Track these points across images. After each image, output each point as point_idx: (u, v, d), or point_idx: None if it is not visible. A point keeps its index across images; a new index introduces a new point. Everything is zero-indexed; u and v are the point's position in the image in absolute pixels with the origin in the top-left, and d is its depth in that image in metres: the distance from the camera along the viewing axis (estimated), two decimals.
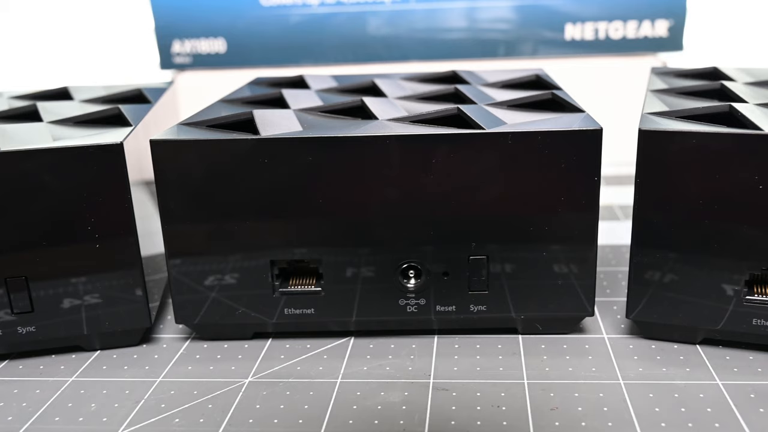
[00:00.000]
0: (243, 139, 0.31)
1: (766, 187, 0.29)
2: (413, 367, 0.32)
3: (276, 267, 0.33)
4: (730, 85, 0.37)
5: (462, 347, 0.33)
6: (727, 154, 0.29)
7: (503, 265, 0.32)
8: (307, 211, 0.31)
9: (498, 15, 0.61)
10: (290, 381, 0.31)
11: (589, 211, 0.31)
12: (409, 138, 0.30)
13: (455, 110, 0.33)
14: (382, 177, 0.31)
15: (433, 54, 0.62)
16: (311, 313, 0.33)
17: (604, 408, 0.28)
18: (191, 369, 0.32)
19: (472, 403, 0.29)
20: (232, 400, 0.30)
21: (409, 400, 0.29)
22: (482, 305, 0.33)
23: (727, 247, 0.30)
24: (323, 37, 0.62)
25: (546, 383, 0.30)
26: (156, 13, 0.62)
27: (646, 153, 0.30)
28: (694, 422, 0.27)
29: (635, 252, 0.31)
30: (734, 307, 0.31)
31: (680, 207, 0.30)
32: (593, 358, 0.32)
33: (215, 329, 0.34)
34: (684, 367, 0.31)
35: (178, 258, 0.32)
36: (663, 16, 0.60)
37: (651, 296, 0.32)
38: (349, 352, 0.33)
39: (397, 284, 0.33)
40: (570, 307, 0.33)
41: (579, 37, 0.61)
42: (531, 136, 0.30)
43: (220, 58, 0.63)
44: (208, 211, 0.32)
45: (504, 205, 0.31)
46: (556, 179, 0.31)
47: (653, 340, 0.33)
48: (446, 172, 0.31)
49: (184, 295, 0.33)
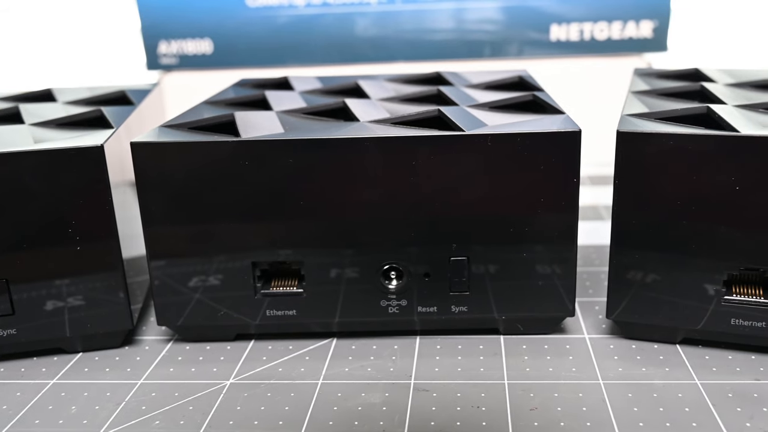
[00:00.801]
0: (223, 142, 0.31)
1: (743, 188, 0.29)
2: (395, 368, 0.32)
3: (258, 269, 0.33)
4: (710, 86, 0.38)
5: (444, 348, 0.33)
6: (705, 156, 0.29)
7: (484, 266, 0.32)
8: (289, 213, 0.32)
9: (484, 16, 0.61)
10: (271, 382, 0.31)
11: (569, 211, 0.31)
12: (388, 140, 0.31)
13: (436, 112, 0.33)
14: (362, 179, 0.31)
15: (419, 55, 0.62)
16: (293, 315, 0.33)
17: (583, 408, 0.28)
18: (173, 371, 0.32)
19: (452, 404, 0.29)
20: (213, 402, 0.30)
21: (390, 401, 0.29)
22: (463, 306, 0.33)
23: (706, 248, 0.30)
24: (310, 38, 0.62)
25: (526, 383, 0.30)
26: (142, 13, 0.62)
27: (624, 154, 0.30)
28: (672, 422, 0.27)
29: (615, 253, 0.32)
30: (713, 308, 0.31)
31: (659, 208, 0.30)
32: (574, 359, 0.32)
33: (198, 331, 0.34)
34: (663, 366, 0.31)
35: (159, 260, 0.32)
36: (647, 17, 0.61)
37: (631, 297, 0.32)
38: (331, 354, 0.33)
39: (378, 285, 0.33)
40: (551, 307, 0.33)
41: (564, 38, 0.62)
42: (510, 137, 0.30)
43: (206, 59, 0.63)
44: (189, 213, 0.32)
45: (484, 206, 0.31)
46: (536, 180, 0.31)
47: (634, 340, 0.33)
48: (426, 174, 0.31)
49: (166, 297, 0.33)
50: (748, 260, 0.30)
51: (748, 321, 0.31)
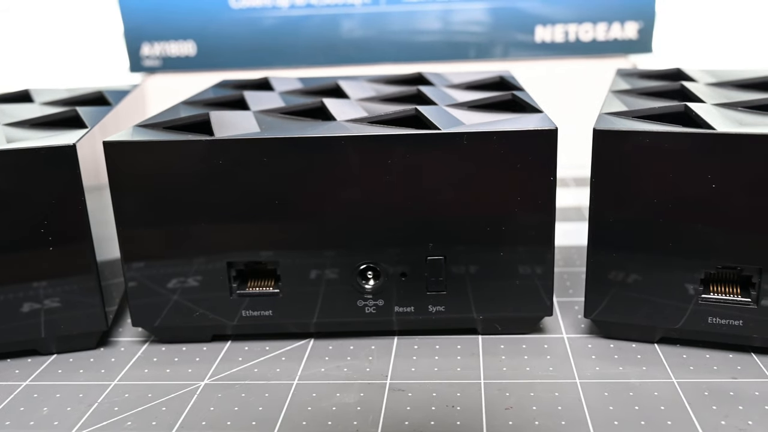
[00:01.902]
0: (196, 141, 0.30)
1: (719, 185, 0.29)
2: (371, 368, 0.32)
3: (233, 269, 0.33)
4: (690, 85, 0.38)
5: (421, 348, 0.33)
6: (681, 153, 0.29)
7: (461, 266, 0.32)
8: (264, 213, 0.31)
9: (469, 17, 0.61)
10: (246, 383, 0.31)
11: (546, 211, 0.31)
12: (363, 139, 0.30)
13: (413, 111, 0.33)
14: (337, 178, 0.31)
15: (404, 56, 0.62)
16: (269, 315, 0.33)
17: (558, 407, 0.28)
18: (147, 372, 0.32)
19: (427, 404, 0.29)
20: (187, 403, 0.29)
21: (365, 401, 0.29)
22: (441, 306, 0.33)
23: (683, 246, 0.30)
24: (295, 40, 0.62)
25: (502, 383, 0.30)
26: (125, 16, 0.61)
27: (600, 152, 0.30)
28: (647, 420, 0.27)
29: (592, 252, 0.32)
30: (690, 306, 0.31)
31: (635, 206, 0.30)
32: (551, 358, 0.32)
33: (173, 332, 0.34)
34: (641, 365, 0.31)
35: (133, 261, 0.32)
36: (632, 19, 0.61)
37: (608, 296, 0.32)
38: (308, 354, 0.33)
39: (355, 285, 0.32)
40: (529, 307, 0.33)
41: (549, 39, 0.62)
42: (486, 136, 0.30)
43: (190, 61, 0.63)
44: (163, 212, 0.31)
45: (461, 205, 0.31)
46: (513, 179, 0.31)
47: (612, 339, 0.33)
48: (402, 173, 0.31)
49: (141, 298, 0.33)
50: (725, 259, 0.30)
51: (726, 319, 0.31)
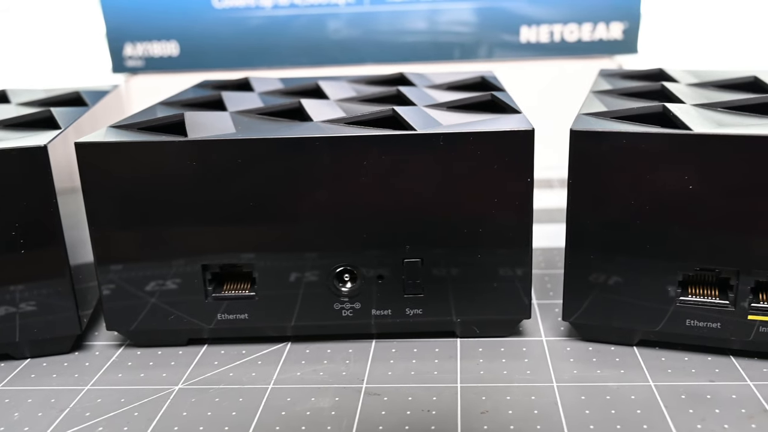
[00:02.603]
0: (168, 142, 0.30)
1: (696, 187, 0.29)
2: (347, 372, 0.31)
3: (208, 272, 0.32)
4: (670, 86, 0.37)
5: (399, 351, 0.33)
6: (657, 154, 0.29)
7: (438, 268, 0.32)
8: (238, 215, 0.31)
9: (454, 18, 0.61)
10: (221, 387, 0.30)
11: (523, 212, 0.31)
12: (338, 140, 0.30)
13: (390, 111, 0.33)
14: (313, 179, 0.31)
15: (389, 57, 0.62)
16: (245, 319, 0.33)
17: (534, 411, 0.28)
18: (121, 376, 0.31)
19: (403, 408, 0.28)
20: (160, 408, 0.29)
21: (339, 406, 0.29)
22: (418, 309, 0.32)
23: (660, 248, 0.30)
24: (279, 40, 0.62)
25: (479, 387, 0.30)
26: (107, 16, 0.61)
27: (577, 153, 0.30)
28: (623, 424, 0.27)
29: (570, 254, 0.31)
30: (668, 309, 0.31)
31: (612, 208, 0.30)
32: (529, 361, 0.32)
33: (149, 336, 0.33)
34: (619, 368, 0.31)
35: (107, 264, 0.32)
36: (617, 19, 0.61)
37: (586, 298, 0.32)
38: (284, 358, 0.33)
39: (332, 288, 0.32)
40: (507, 309, 0.33)
41: (534, 40, 0.61)
42: (462, 137, 0.30)
43: (173, 61, 0.62)
44: (136, 214, 0.31)
45: (437, 206, 0.31)
46: (489, 180, 0.30)
47: (591, 342, 0.33)
48: (378, 174, 0.30)
49: (115, 301, 0.32)
50: (703, 261, 0.30)
51: (704, 322, 0.31)
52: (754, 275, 0.30)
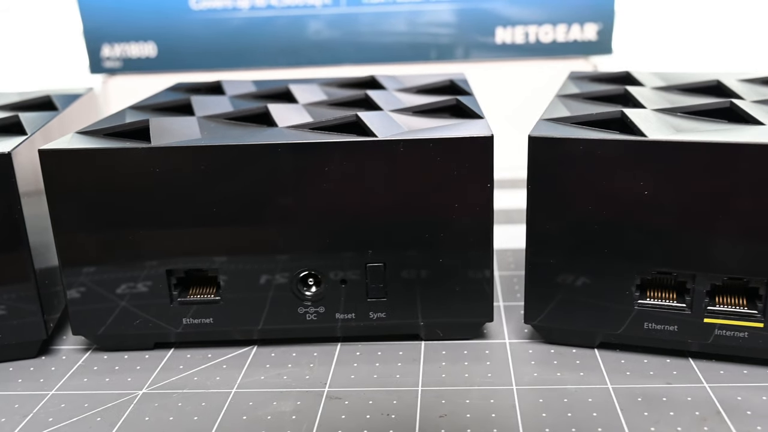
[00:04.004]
0: (131, 148, 0.30)
1: (651, 192, 0.29)
2: (311, 375, 0.32)
3: (173, 276, 0.32)
4: (634, 90, 0.38)
5: (363, 354, 0.33)
6: (614, 160, 0.29)
7: (401, 272, 0.32)
8: (202, 220, 0.31)
9: (430, 19, 0.61)
10: (184, 392, 0.31)
11: (484, 217, 0.31)
12: (300, 146, 0.30)
13: (354, 117, 0.33)
14: (275, 185, 0.31)
15: (366, 57, 0.62)
16: (210, 323, 0.33)
17: (492, 414, 0.28)
18: (86, 381, 0.32)
19: (363, 412, 0.29)
20: (122, 413, 0.29)
21: (301, 410, 0.29)
22: (381, 312, 0.33)
23: (618, 252, 0.31)
24: (257, 41, 0.62)
25: (439, 390, 0.30)
26: (84, 16, 0.61)
27: (535, 159, 0.30)
28: (578, 426, 0.27)
29: (530, 258, 0.32)
30: (628, 311, 0.31)
31: (571, 212, 0.30)
32: (491, 364, 0.32)
33: (115, 340, 0.34)
34: (578, 371, 0.31)
35: (72, 269, 0.32)
36: (591, 20, 0.61)
37: (548, 301, 0.32)
38: (249, 362, 0.33)
39: (295, 292, 0.32)
40: (469, 312, 0.33)
41: (510, 41, 0.62)
42: (422, 143, 0.30)
43: (150, 62, 0.62)
44: (100, 220, 0.31)
45: (399, 211, 0.31)
46: (449, 186, 0.31)
47: (553, 344, 0.33)
48: (340, 180, 0.31)
49: (81, 306, 0.32)
50: (660, 264, 0.30)
51: (661, 325, 0.31)
52: (709, 279, 0.30)
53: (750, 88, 0.39)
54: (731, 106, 0.33)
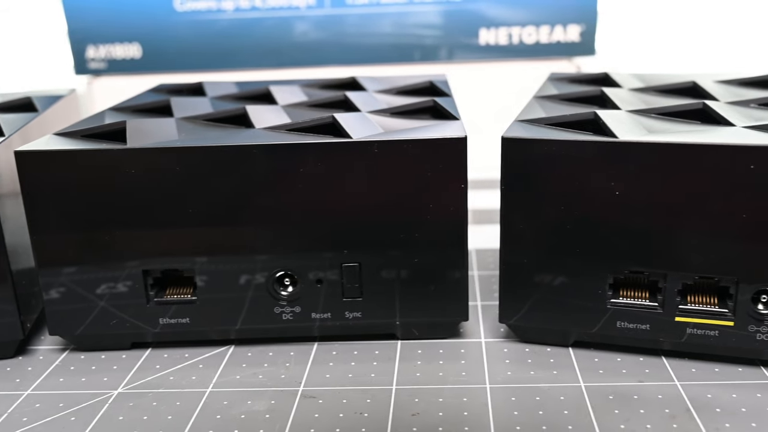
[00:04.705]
0: (107, 150, 0.30)
1: (622, 192, 0.30)
2: (286, 375, 0.32)
3: (150, 277, 0.33)
4: (610, 91, 0.38)
5: (339, 354, 0.33)
6: (586, 161, 0.30)
7: (376, 272, 0.32)
8: (178, 221, 0.31)
9: (415, 20, 0.61)
10: (159, 391, 0.31)
11: (458, 217, 0.32)
12: (275, 147, 0.31)
13: (330, 118, 0.33)
14: (251, 186, 0.31)
15: (352, 59, 0.62)
16: (187, 323, 0.33)
17: (464, 413, 0.29)
18: (63, 381, 0.32)
19: (336, 411, 0.29)
20: (97, 412, 0.29)
21: (274, 409, 0.29)
22: (357, 312, 0.33)
23: (591, 252, 0.31)
24: (242, 42, 0.62)
25: (413, 389, 0.30)
26: (69, 17, 0.61)
27: (508, 160, 0.31)
28: (549, 424, 0.28)
29: (504, 258, 0.32)
30: (600, 311, 0.32)
31: (544, 213, 0.31)
32: (466, 363, 0.32)
33: (92, 340, 0.34)
34: (552, 370, 0.31)
35: (49, 269, 0.32)
36: (575, 21, 0.61)
37: (522, 301, 0.32)
38: (226, 361, 0.33)
39: (272, 292, 0.33)
40: (444, 312, 0.33)
41: (493, 42, 0.62)
42: (396, 144, 0.31)
43: (135, 64, 0.62)
44: (77, 221, 0.31)
45: (374, 212, 0.31)
46: (424, 186, 0.31)
47: (528, 343, 0.34)
48: (315, 181, 0.31)
49: (58, 306, 0.33)
50: (632, 264, 0.31)
51: (634, 324, 0.31)
52: (681, 278, 0.30)
53: (726, 89, 0.39)
54: (704, 108, 0.34)
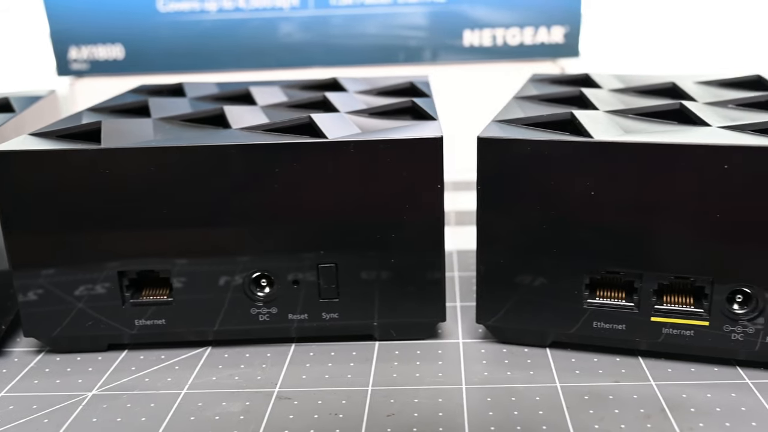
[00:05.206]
0: (81, 150, 0.30)
1: (598, 192, 0.30)
2: (262, 376, 0.32)
3: (126, 278, 0.32)
4: (589, 92, 0.38)
5: (316, 355, 0.33)
6: (561, 161, 0.30)
7: (353, 273, 0.32)
8: (153, 222, 0.31)
9: (399, 22, 0.61)
10: (134, 393, 0.31)
11: (435, 217, 0.31)
12: (251, 147, 0.30)
13: (307, 119, 0.33)
14: (227, 186, 0.31)
15: (336, 60, 0.62)
16: (163, 324, 0.33)
17: (439, 413, 0.29)
18: (37, 383, 0.32)
19: (311, 412, 0.29)
20: (70, 414, 0.29)
21: (249, 410, 0.29)
22: (334, 313, 0.33)
23: (567, 252, 0.31)
24: (225, 43, 0.62)
25: (389, 390, 0.30)
26: (51, 18, 0.61)
27: (484, 160, 0.31)
28: (523, 425, 0.28)
29: (481, 258, 0.32)
30: (577, 311, 0.32)
31: (520, 213, 0.31)
32: (443, 364, 0.32)
33: (68, 342, 0.34)
34: (528, 370, 0.31)
35: (23, 271, 0.32)
36: (558, 23, 0.61)
37: (499, 302, 0.32)
38: (202, 363, 0.33)
39: (248, 293, 0.32)
40: (422, 312, 0.33)
41: (478, 44, 0.62)
42: (372, 144, 0.31)
43: (118, 65, 0.62)
44: (51, 222, 0.31)
45: (350, 212, 0.31)
46: (400, 187, 0.31)
47: (506, 344, 0.34)
48: (291, 181, 0.31)
49: (33, 308, 0.32)
50: (608, 264, 0.31)
51: (609, 324, 0.31)
52: (656, 278, 0.30)
53: (706, 90, 0.40)
54: (681, 108, 0.34)
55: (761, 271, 0.29)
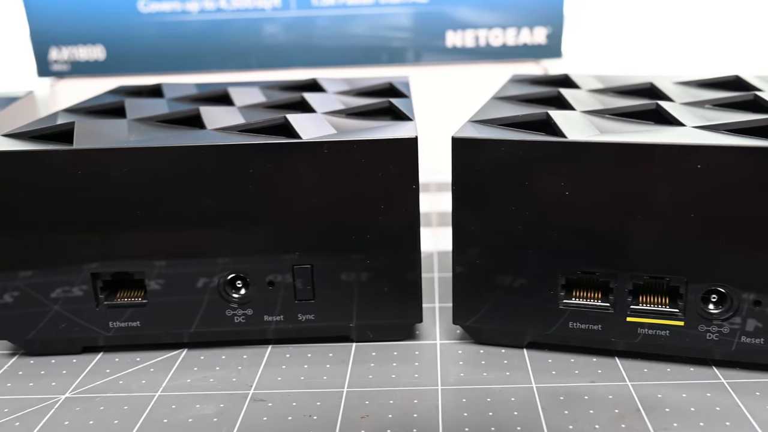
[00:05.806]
0: (52, 150, 0.30)
1: (572, 192, 0.30)
2: (237, 378, 0.31)
3: (100, 280, 0.32)
4: (568, 92, 0.38)
5: (293, 356, 0.33)
6: (535, 161, 0.30)
7: (328, 274, 0.32)
8: (127, 223, 0.31)
9: (381, 23, 0.61)
10: (108, 395, 0.30)
11: (410, 218, 0.31)
12: (224, 148, 0.30)
13: (282, 119, 0.33)
14: (200, 187, 0.31)
15: (317, 61, 0.62)
16: (137, 326, 0.33)
17: (414, 415, 0.28)
18: (10, 386, 0.31)
19: (285, 413, 0.29)
20: (42, 418, 0.29)
21: (223, 412, 0.29)
22: (310, 314, 0.33)
23: (542, 253, 0.31)
24: (207, 44, 0.61)
25: (364, 391, 0.30)
26: (31, 18, 0.60)
27: (459, 160, 0.30)
28: (498, 425, 0.28)
29: (456, 259, 0.32)
30: (553, 312, 0.31)
31: (495, 213, 0.31)
32: (419, 365, 0.32)
33: (42, 345, 0.33)
34: (505, 371, 0.31)
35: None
36: (541, 24, 0.61)
37: (476, 302, 0.32)
38: (178, 365, 0.33)
39: (223, 295, 0.32)
40: (398, 313, 0.33)
41: (460, 44, 0.62)
42: (346, 144, 0.30)
43: (99, 66, 0.62)
44: (23, 223, 0.31)
45: (325, 213, 0.31)
46: (375, 187, 0.31)
47: (483, 345, 0.34)
48: (265, 181, 0.31)
49: (6, 310, 0.32)
50: (583, 264, 0.31)
51: (585, 324, 0.31)
52: (631, 278, 0.30)
53: (684, 90, 0.40)
54: (657, 108, 0.34)
55: (736, 270, 0.29)
